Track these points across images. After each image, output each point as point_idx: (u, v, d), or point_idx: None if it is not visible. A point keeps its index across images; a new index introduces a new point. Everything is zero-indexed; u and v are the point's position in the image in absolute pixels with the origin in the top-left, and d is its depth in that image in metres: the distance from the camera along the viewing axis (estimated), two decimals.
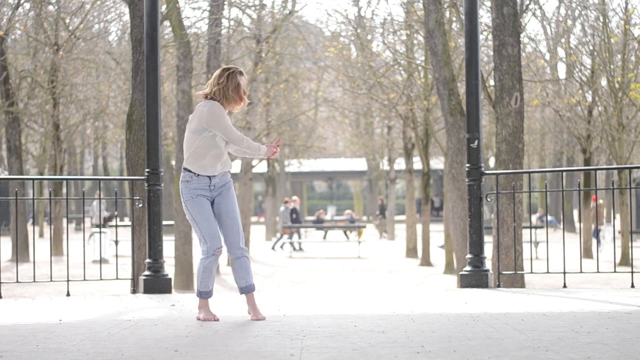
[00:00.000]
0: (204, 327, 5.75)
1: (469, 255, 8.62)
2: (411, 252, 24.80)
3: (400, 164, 37.89)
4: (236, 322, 6.04)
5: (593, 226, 23.61)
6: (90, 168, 51.96)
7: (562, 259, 9.40)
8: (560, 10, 24.74)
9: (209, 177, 6.16)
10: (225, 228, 6.19)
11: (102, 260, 10.39)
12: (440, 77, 13.16)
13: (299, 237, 29.13)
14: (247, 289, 6.19)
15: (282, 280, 18.19)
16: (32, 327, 5.90)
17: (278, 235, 29.36)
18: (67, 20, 22.24)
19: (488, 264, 8.91)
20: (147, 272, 8.51)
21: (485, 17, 17.67)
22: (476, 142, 8.57)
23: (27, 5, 21.98)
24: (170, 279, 8.60)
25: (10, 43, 23.26)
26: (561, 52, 23.66)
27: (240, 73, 6.22)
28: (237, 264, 6.21)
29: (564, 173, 9.51)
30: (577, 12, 23.01)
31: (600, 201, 28.75)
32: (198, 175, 6.14)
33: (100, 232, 8.77)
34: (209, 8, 20.57)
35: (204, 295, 6.19)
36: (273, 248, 28.59)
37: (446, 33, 14.08)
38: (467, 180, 8.63)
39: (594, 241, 23.27)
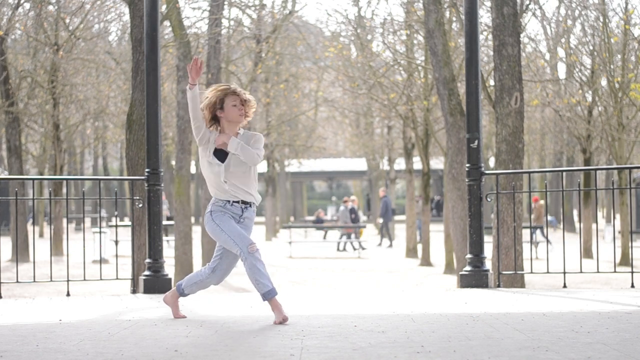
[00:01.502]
0: (204, 327, 5.75)
1: (469, 255, 8.62)
2: (411, 252, 24.80)
3: (400, 164, 37.90)
4: (236, 322, 6.04)
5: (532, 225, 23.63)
6: (90, 168, 51.96)
7: (562, 259, 9.40)
8: (560, 10, 24.75)
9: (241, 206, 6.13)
10: None
11: (102, 260, 10.39)
12: (440, 77, 13.16)
13: (357, 237, 28.81)
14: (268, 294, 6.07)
15: (282, 280, 18.19)
16: (32, 327, 5.90)
17: (341, 236, 28.84)
18: (67, 20, 22.23)
19: (488, 264, 8.91)
20: (147, 272, 8.51)
21: (485, 17, 17.68)
22: (476, 142, 8.57)
23: (27, 5, 21.99)
24: (170, 279, 8.60)
25: (10, 43, 23.25)
26: (561, 52, 23.67)
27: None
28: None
29: (564, 173, 9.51)
30: (577, 12, 23.01)
31: (541, 202, 28.79)
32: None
33: (100, 232, 8.76)
34: (209, 8, 20.57)
35: (269, 295, 5.90)
36: (338, 249, 28.10)
37: (446, 33, 14.08)
38: (467, 180, 8.63)
39: (535, 240, 23.16)
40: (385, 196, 31.59)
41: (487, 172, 8.72)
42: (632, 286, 8.35)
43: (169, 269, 9.48)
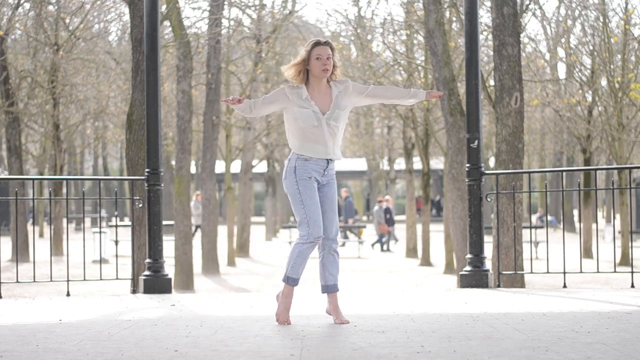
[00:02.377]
0: (204, 327, 5.75)
1: (469, 255, 8.62)
2: (411, 252, 24.79)
3: (400, 164, 37.88)
4: (236, 322, 6.04)
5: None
6: (90, 168, 51.95)
7: (562, 259, 9.40)
8: (560, 10, 24.75)
9: (327, 160, 5.94)
10: (326, 219, 5.93)
11: (102, 260, 10.39)
12: (440, 77, 13.16)
13: (391, 237, 28.60)
14: (333, 288, 5.98)
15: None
16: (32, 327, 5.90)
17: (380, 236, 28.68)
18: (67, 20, 22.23)
19: (488, 264, 8.91)
20: (147, 272, 8.51)
21: (485, 17, 17.68)
22: (476, 142, 8.57)
23: (27, 5, 21.99)
24: (170, 279, 8.60)
25: (10, 43, 23.25)
26: (561, 52, 23.67)
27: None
28: (329, 258, 5.97)
29: (564, 173, 9.51)
30: (577, 12, 23.01)
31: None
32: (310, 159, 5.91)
33: (100, 232, 8.77)
34: (209, 8, 20.58)
35: (292, 282, 5.89)
36: (377, 249, 27.88)
37: (446, 33, 14.08)
38: (467, 180, 8.63)
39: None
40: (348, 197, 31.94)
41: (487, 172, 8.72)
42: (632, 286, 8.35)
43: (169, 269, 9.47)
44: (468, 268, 8.59)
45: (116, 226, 8.75)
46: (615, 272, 8.70)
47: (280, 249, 29.02)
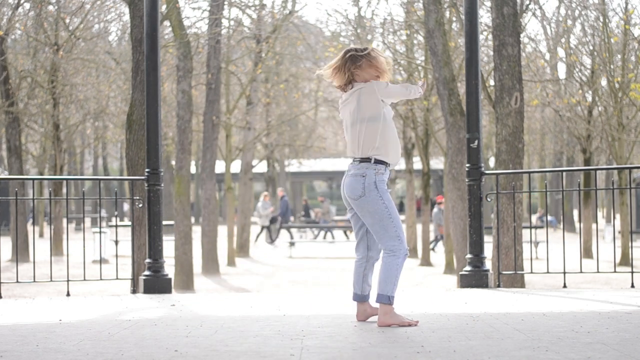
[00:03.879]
0: (204, 327, 5.75)
1: (469, 255, 8.62)
2: (411, 252, 24.80)
3: (400, 164, 37.83)
4: (236, 322, 6.04)
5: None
6: (90, 168, 51.97)
7: (562, 259, 9.40)
8: (560, 10, 24.74)
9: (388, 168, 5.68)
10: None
11: (102, 260, 10.39)
12: (440, 77, 13.16)
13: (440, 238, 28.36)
14: (379, 298, 5.71)
15: (282, 280, 18.19)
16: (32, 327, 5.90)
17: (435, 237, 28.37)
18: (67, 20, 22.24)
19: (488, 264, 8.91)
20: (147, 272, 8.51)
21: (485, 17, 17.68)
22: (476, 142, 8.56)
23: (27, 5, 21.99)
24: (170, 279, 8.59)
25: (10, 43, 23.26)
26: (561, 52, 23.67)
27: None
28: (372, 269, 5.87)
29: (564, 173, 9.51)
30: (577, 12, 23.01)
31: None
32: (389, 166, 5.66)
33: (100, 232, 8.76)
34: (209, 8, 20.59)
35: (387, 300, 5.63)
36: (432, 249, 27.65)
37: (446, 33, 14.08)
38: (467, 180, 8.63)
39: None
40: (284, 196, 31.89)
41: (487, 172, 8.72)
42: (632, 286, 8.35)
43: (169, 269, 9.47)
44: (468, 268, 8.59)
45: (116, 226, 8.74)
46: (615, 272, 8.69)
47: (280, 249, 29.03)
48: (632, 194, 26.71)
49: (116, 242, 8.86)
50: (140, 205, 8.95)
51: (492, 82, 14.36)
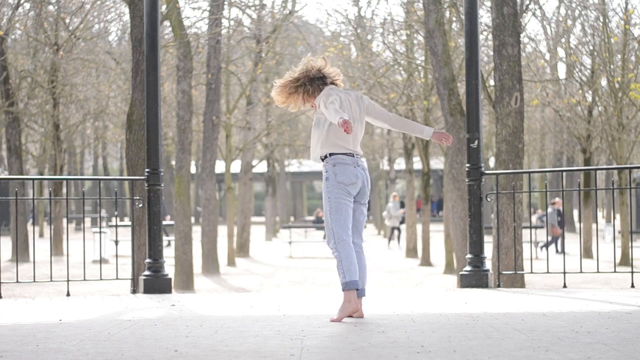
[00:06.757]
0: (204, 327, 5.75)
1: (469, 255, 8.62)
2: (411, 252, 24.80)
3: (400, 164, 37.89)
4: (236, 322, 6.04)
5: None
6: (90, 168, 51.96)
7: (562, 258, 9.40)
8: (560, 10, 24.74)
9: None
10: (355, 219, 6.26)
11: (102, 260, 10.39)
12: (440, 77, 13.16)
13: (558, 240, 27.98)
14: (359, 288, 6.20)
15: (282, 280, 18.19)
16: (32, 327, 5.90)
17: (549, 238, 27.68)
18: (67, 20, 22.24)
19: (488, 264, 8.91)
20: (147, 272, 8.50)
21: (485, 17, 17.68)
22: (476, 142, 8.57)
23: (27, 5, 22.00)
24: (170, 279, 8.59)
25: (10, 43, 23.26)
26: (561, 52, 23.67)
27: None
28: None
29: (564, 173, 9.51)
30: (577, 12, 23.01)
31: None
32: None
33: (100, 232, 8.76)
34: (209, 8, 20.59)
35: (347, 286, 6.12)
36: (552, 251, 27.20)
37: (446, 33, 14.08)
38: (467, 180, 8.63)
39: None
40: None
41: (487, 172, 8.72)
42: (632, 286, 8.35)
43: (169, 269, 9.47)
44: (468, 268, 8.59)
45: (116, 226, 8.74)
46: (615, 272, 8.69)
47: (280, 249, 29.02)
48: (632, 194, 26.70)
49: (116, 242, 8.85)
50: (140, 205, 8.95)
51: (492, 82, 14.36)
